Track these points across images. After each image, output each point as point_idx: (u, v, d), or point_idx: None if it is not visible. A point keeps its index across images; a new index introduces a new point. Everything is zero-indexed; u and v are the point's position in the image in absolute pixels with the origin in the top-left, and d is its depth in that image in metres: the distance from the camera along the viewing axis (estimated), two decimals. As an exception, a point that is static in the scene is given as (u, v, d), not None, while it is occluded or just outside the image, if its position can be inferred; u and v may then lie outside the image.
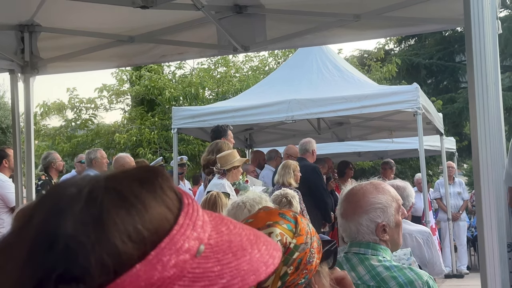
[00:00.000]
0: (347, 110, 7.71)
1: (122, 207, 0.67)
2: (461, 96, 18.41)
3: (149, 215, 0.68)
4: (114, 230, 0.65)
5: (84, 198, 0.67)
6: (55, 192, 0.72)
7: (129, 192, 0.69)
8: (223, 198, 4.12)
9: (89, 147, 13.50)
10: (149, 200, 0.69)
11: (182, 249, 0.67)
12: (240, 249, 0.72)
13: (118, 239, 0.65)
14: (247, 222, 1.61)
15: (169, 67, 15.66)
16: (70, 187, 0.70)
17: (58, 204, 0.68)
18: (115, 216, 0.66)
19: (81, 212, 0.66)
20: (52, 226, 0.66)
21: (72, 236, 0.65)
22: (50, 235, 0.65)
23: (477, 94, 2.44)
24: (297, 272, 1.57)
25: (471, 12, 2.48)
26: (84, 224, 0.65)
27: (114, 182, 0.70)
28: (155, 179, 0.72)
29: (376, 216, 2.28)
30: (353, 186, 2.39)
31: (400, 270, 2.21)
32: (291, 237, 1.58)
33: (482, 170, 2.42)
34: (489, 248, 2.40)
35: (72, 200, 0.68)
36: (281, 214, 1.65)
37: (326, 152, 11.04)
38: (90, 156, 7.25)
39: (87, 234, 0.65)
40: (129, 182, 0.70)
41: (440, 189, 11.29)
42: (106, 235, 0.65)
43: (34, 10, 4.55)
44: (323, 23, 4.64)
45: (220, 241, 0.72)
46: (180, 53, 5.11)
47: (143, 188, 0.70)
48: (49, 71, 5.20)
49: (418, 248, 3.62)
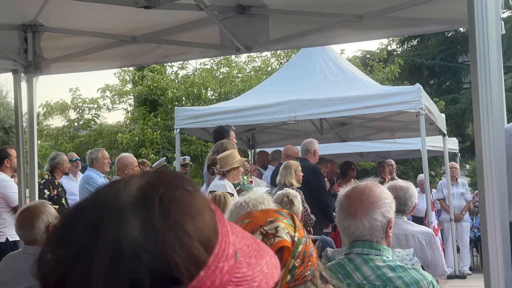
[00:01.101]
0: (350, 111, 7.70)
1: (191, 217, 0.70)
2: (463, 97, 18.40)
3: (207, 223, 0.71)
4: (193, 240, 0.68)
5: (157, 207, 0.68)
6: (115, 196, 0.71)
7: (189, 202, 0.71)
8: (230, 199, 4.14)
9: (92, 147, 13.51)
10: (202, 208, 0.72)
11: (229, 255, 0.70)
12: (257, 253, 0.75)
13: (198, 249, 0.68)
14: (243, 223, 1.62)
15: (171, 68, 15.67)
16: (127, 196, 0.70)
17: (125, 212, 0.68)
18: (190, 227, 0.69)
19: (158, 223, 0.67)
20: (129, 236, 0.66)
21: (155, 247, 0.66)
22: (129, 245, 0.65)
23: (481, 95, 2.44)
24: (304, 264, 1.60)
25: (475, 12, 2.47)
26: (166, 236, 0.67)
27: (174, 191, 0.71)
28: (194, 187, 0.75)
29: (386, 211, 2.30)
30: (353, 186, 2.38)
31: (405, 270, 2.21)
32: (293, 231, 1.61)
33: (486, 171, 2.42)
34: (492, 249, 2.39)
35: (141, 209, 0.68)
36: (277, 211, 1.68)
37: (329, 152, 11.03)
38: (91, 156, 7.25)
39: (172, 245, 0.66)
40: (182, 192, 0.72)
41: (443, 190, 11.28)
42: (188, 246, 0.67)
43: (37, 10, 4.56)
44: (326, 23, 4.64)
45: (242, 245, 0.74)
46: (183, 53, 5.12)
47: (192, 196, 0.72)
48: (52, 71, 5.22)
49: (420, 249, 3.61)
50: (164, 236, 0.66)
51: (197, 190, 0.74)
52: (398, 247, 3.39)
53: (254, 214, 1.69)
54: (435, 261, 3.76)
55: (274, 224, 1.61)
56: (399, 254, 2.72)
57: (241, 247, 0.74)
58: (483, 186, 2.43)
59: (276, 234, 1.58)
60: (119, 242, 0.65)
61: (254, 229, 1.59)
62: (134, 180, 0.73)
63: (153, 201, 0.68)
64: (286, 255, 1.58)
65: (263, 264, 0.74)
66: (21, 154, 5.26)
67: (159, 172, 0.76)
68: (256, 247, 0.76)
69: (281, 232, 1.59)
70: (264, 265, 0.75)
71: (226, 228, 0.73)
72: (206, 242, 0.69)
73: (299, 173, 6.40)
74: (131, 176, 0.75)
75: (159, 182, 0.72)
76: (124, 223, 0.67)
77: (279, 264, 0.79)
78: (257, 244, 0.77)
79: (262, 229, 1.59)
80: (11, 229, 6.29)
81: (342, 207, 2.33)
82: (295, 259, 1.58)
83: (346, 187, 2.41)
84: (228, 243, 0.71)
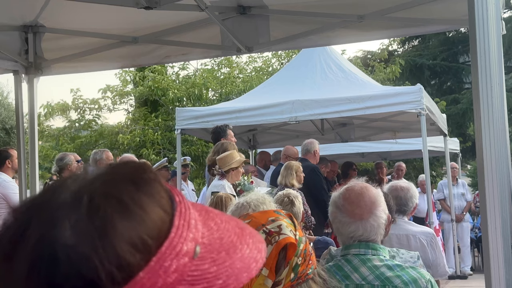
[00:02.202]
0: (351, 111, 7.69)
1: (125, 216, 0.64)
2: (464, 97, 18.39)
3: (150, 221, 0.66)
4: (121, 241, 0.63)
5: (85, 207, 0.64)
6: (48, 198, 0.67)
7: (128, 198, 0.66)
8: (232, 199, 4.13)
9: (93, 147, 13.52)
10: (147, 204, 0.67)
11: (181, 253, 0.65)
12: (231, 246, 0.70)
13: (125, 251, 0.63)
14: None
15: (172, 68, 15.69)
16: (63, 193, 0.66)
17: (55, 212, 0.64)
18: (119, 226, 0.63)
19: (84, 223, 0.63)
20: (53, 238, 0.62)
21: (77, 248, 0.61)
22: (52, 248, 0.62)
23: (481, 95, 2.43)
24: (305, 262, 1.61)
25: (475, 13, 2.47)
26: (90, 236, 0.62)
27: (111, 187, 0.66)
28: (148, 179, 0.69)
29: (384, 207, 2.32)
30: (347, 188, 2.36)
31: (403, 269, 2.21)
32: (294, 230, 1.62)
33: (487, 171, 2.41)
34: (493, 249, 2.39)
35: (71, 208, 0.64)
36: (276, 211, 1.69)
37: (330, 153, 11.04)
38: (95, 156, 7.23)
39: (94, 247, 0.62)
40: (125, 186, 0.67)
41: (443, 190, 11.28)
42: (114, 247, 0.62)
43: (38, 11, 4.56)
44: (327, 23, 4.63)
45: (212, 239, 0.69)
46: (184, 54, 5.11)
47: (139, 191, 0.67)
48: (53, 71, 5.21)
49: (421, 250, 3.61)
50: (88, 237, 0.62)
51: (150, 183, 0.69)
52: (399, 248, 3.39)
53: (253, 215, 1.70)
54: (436, 261, 3.76)
55: (276, 222, 1.62)
56: (403, 256, 2.72)
57: (210, 242, 0.69)
58: (483, 186, 2.43)
59: (281, 232, 1.59)
60: (43, 244, 0.62)
61: (257, 228, 1.59)
62: (80, 177, 0.69)
63: (82, 199, 0.64)
64: (290, 253, 1.59)
65: (236, 258, 0.69)
66: (22, 155, 5.26)
67: (114, 165, 0.72)
68: (233, 240, 0.71)
69: (285, 229, 1.60)
70: (237, 259, 0.69)
71: (187, 222, 0.68)
72: (139, 243, 0.63)
73: (300, 174, 6.40)
74: (84, 171, 0.70)
75: (99, 178, 0.68)
76: (51, 224, 0.63)
77: (261, 259, 0.73)
78: (238, 236, 0.72)
79: (264, 227, 1.60)
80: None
81: (344, 211, 2.30)
82: (298, 257, 1.59)
83: (337, 190, 2.39)
84: (183, 238, 0.66)
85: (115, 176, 0.69)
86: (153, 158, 12.31)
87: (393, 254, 2.73)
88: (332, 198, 2.39)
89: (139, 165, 0.72)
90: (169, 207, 0.69)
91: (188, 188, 9.50)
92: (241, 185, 5.65)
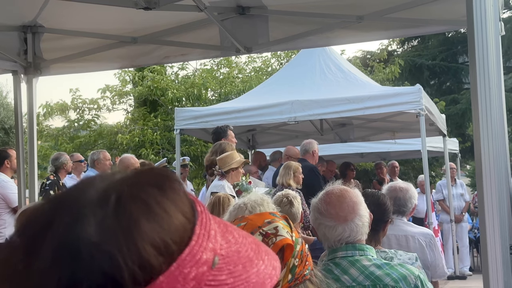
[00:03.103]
0: (350, 111, 7.70)
1: (150, 218, 0.65)
2: (464, 97, 18.40)
3: (173, 225, 0.67)
4: (145, 243, 0.63)
5: (112, 205, 0.65)
6: (74, 195, 0.68)
7: (154, 201, 0.67)
8: (231, 200, 4.12)
9: (92, 147, 13.51)
10: (171, 209, 0.68)
11: (200, 261, 0.66)
12: (248, 260, 0.71)
13: (149, 252, 0.63)
14: (239, 226, 1.62)
15: (171, 68, 15.68)
16: (90, 191, 0.67)
17: (82, 209, 0.65)
18: (145, 228, 0.64)
19: (110, 221, 0.64)
20: (78, 233, 0.63)
21: (101, 246, 0.62)
22: (76, 242, 0.62)
23: (480, 96, 2.43)
24: (302, 263, 1.61)
25: (473, 13, 2.47)
26: (115, 235, 0.63)
27: (138, 189, 0.67)
28: (172, 185, 0.71)
29: (365, 206, 2.33)
30: (326, 192, 2.37)
31: (391, 267, 2.22)
32: (290, 231, 1.62)
33: (485, 172, 2.42)
34: (491, 251, 2.39)
35: (97, 206, 0.65)
36: (272, 213, 1.70)
37: (329, 153, 11.04)
38: (93, 157, 7.27)
39: (119, 245, 0.62)
40: (151, 189, 0.68)
41: (442, 191, 11.28)
42: (138, 248, 0.63)
43: (37, 11, 4.56)
44: (326, 24, 4.63)
45: (230, 252, 0.71)
46: (183, 54, 5.12)
47: (164, 196, 0.68)
48: (52, 72, 5.21)
49: (420, 251, 3.61)
50: (113, 235, 0.62)
51: (175, 190, 0.70)
52: (398, 248, 3.39)
53: (249, 217, 1.70)
54: (435, 262, 3.76)
55: (272, 224, 1.62)
56: (401, 257, 2.73)
57: (227, 254, 0.70)
58: (482, 187, 2.43)
59: (277, 234, 1.59)
60: (66, 239, 0.62)
61: (253, 230, 1.60)
62: (108, 178, 0.70)
63: (109, 199, 0.65)
64: (287, 254, 1.59)
65: (252, 273, 0.70)
66: (21, 155, 5.26)
67: (140, 169, 0.73)
68: (250, 255, 0.72)
69: (281, 231, 1.60)
70: (253, 274, 0.70)
71: (207, 232, 0.69)
72: (162, 246, 0.64)
73: (298, 174, 6.39)
74: (112, 173, 0.72)
75: (127, 180, 0.69)
76: (76, 220, 0.63)
77: (276, 276, 0.75)
78: (254, 252, 0.73)
79: (261, 230, 1.60)
80: (11, 229, 6.31)
81: (328, 215, 2.30)
82: (295, 258, 1.60)
83: (316, 196, 2.40)
84: (203, 248, 0.67)
85: (142, 179, 0.70)
86: (152, 158, 12.30)
87: (391, 255, 2.74)
88: (313, 204, 2.39)
89: (165, 173, 0.73)
90: (191, 215, 0.70)
91: (187, 188, 9.49)
92: (239, 185, 5.65)
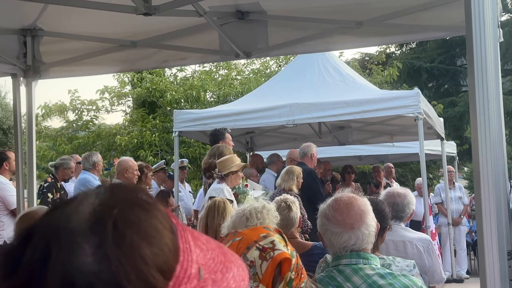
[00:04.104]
0: (348, 115, 7.69)
1: (148, 241, 0.65)
2: (462, 100, 18.40)
3: (166, 244, 0.66)
4: (150, 267, 0.63)
5: (110, 232, 0.64)
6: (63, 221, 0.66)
7: (145, 223, 0.66)
8: (229, 205, 4.11)
9: (90, 148, 13.50)
10: (160, 228, 0.67)
11: (191, 276, 0.66)
12: (223, 266, 0.71)
13: (155, 276, 0.63)
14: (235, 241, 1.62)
15: (170, 70, 15.67)
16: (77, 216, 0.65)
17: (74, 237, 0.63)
18: (146, 252, 0.64)
19: (110, 249, 0.63)
20: (81, 265, 0.62)
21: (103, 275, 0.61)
22: (83, 274, 0.61)
23: (478, 100, 2.44)
24: (298, 276, 1.61)
25: (472, 19, 2.48)
26: (118, 262, 0.62)
27: (128, 212, 0.67)
28: (152, 202, 0.70)
29: (373, 216, 2.34)
30: (337, 199, 2.37)
31: (395, 277, 2.22)
32: (286, 244, 1.62)
33: (483, 175, 2.42)
34: (489, 257, 2.40)
35: (92, 234, 0.64)
36: (265, 227, 1.70)
37: (327, 155, 11.06)
38: (93, 159, 7.12)
39: (125, 273, 0.62)
40: (138, 211, 0.68)
41: (441, 194, 11.29)
42: (144, 274, 0.63)
43: (37, 14, 4.56)
44: (325, 29, 4.64)
45: (206, 260, 0.70)
46: (182, 59, 5.12)
47: (151, 215, 0.68)
48: (51, 75, 5.22)
49: (418, 256, 3.62)
50: (118, 264, 0.62)
51: (156, 207, 0.69)
52: (396, 254, 3.40)
53: (244, 232, 1.70)
54: (432, 267, 3.77)
55: (268, 238, 1.62)
56: (399, 264, 2.73)
57: (205, 262, 0.69)
58: (479, 190, 2.44)
59: (275, 248, 1.59)
60: (70, 271, 0.61)
61: (249, 244, 1.60)
62: (86, 200, 0.68)
63: (106, 226, 0.64)
64: (285, 268, 1.59)
65: (229, 278, 0.70)
66: (19, 158, 5.27)
67: (114, 188, 0.72)
68: (222, 259, 0.72)
69: (278, 245, 1.60)
70: (231, 279, 0.70)
71: (188, 244, 0.69)
72: (164, 268, 0.64)
73: (300, 180, 6.41)
74: (84, 193, 0.70)
75: (113, 203, 0.67)
76: (75, 251, 0.62)
77: (247, 276, 0.74)
78: (223, 255, 0.73)
79: (257, 244, 1.60)
80: (9, 231, 6.30)
81: (335, 222, 2.31)
82: (291, 272, 1.60)
83: (325, 202, 2.41)
84: (190, 261, 0.67)
85: (124, 200, 0.69)
86: (151, 160, 12.29)
87: (389, 262, 2.74)
88: (321, 210, 2.40)
89: (135, 188, 0.72)
90: (173, 229, 0.70)
91: (185, 190, 9.50)
92: (236, 188, 5.65)
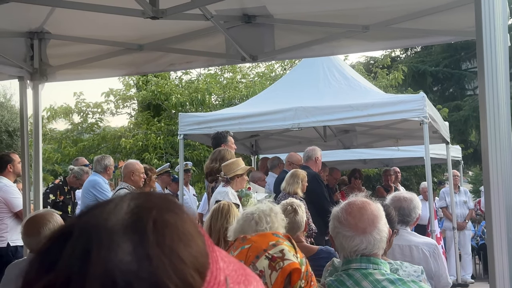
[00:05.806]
0: (353, 119, 7.67)
1: (185, 242, 0.66)
2: (467, 104, 18.39)
3: (199, 247, 0.68)
4: (189, 268, 0.64)
5: (151, 233, 0.65)
6: (100, 225, 0.66)
7: (180, 225, 0.68)
8: (235, 208, 4.11)
9: (95, 151, 13.52)
10: (193, 232, 0.69)
11: (220, 283, 0.67)
12: (245, 279, 0.72)
13: (194, 276, 0.64)
14: (243, 248, 1.61)
15: (175, 73, 15.69)
16: (118, 215, 0.67)
17: (118, 238, 0.64)
18: (184, 253, 0.65)
19: (150, 248, 0.64)
20: (121, 263, 0.62)
21: (141, 274, 0.62)
22: (124, 273, 0.62)
23: (488, 104, 2.44)
24: (308, 284, 1.60)
25: (482, 23, 2.47)
26: (159, 261, 0.63)
27: (166, 215, 0.68)
28: (181, 208, 0.72)
29: (385, 221, 2.33)
30: (350, 203, 2.37)
31: (404, 283, 2.22)
32: (295, 252, 1.60)
33: (492, 179, 2.42)
34: (498, 261, 2.39)
35: (131, 232, 0.64)
36: (275, 234, 1.67)
37: (332, 159, 11.05)
38: (105, 162, 7.04)
39: (166, 273, 0.63)
40: (173, 216, 0.69)
41: (446, 198, 11.26)
42: (184, 274, 0.64)
43: (44, 17, 4.58)
44: (332, 33, 4.65)
45: (230, 271, 0.71)
46: (189, 62, 5.13)
47: (182, 219, 0.69)
48: (58, 78, 5.23)
49: (424, 261, 3.62)
50: (159, 263, 0.62)
51: (187, 214, 0.71)
52: (402, 258, 3.39)
53: (252, 239, 1.68)
54: (438, 272, 3.76)
55: (278, 247, 1.60)
56: (406, 269, 2.73)
57: (229, 273, 0.70)
58: (489, 194, 2.43)
59: (284, 257, 1.58)
60: (111, 269, 0.61)
61: (258, 253, 1.58)
62: (123, 202, 0.69)
63: (147, 225, 0.65)
64: (295, 278, 1.58)
65: None
66: (25, 160, 5.28)
67: (148, 193, 0.74)
68: (243, 272, 0.73)
69: (288, 254, 1.59)
70: None
71: (215, 253, 0.70)
72: (200, 269, 0.65)
73: (305, 183, 6.40)
74: (120, 197, 0.71)
75: (150, 205, 0.69)
76: (115, 249, 0.63)
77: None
78: (243, 269, 0.74)
79: (267, 253, 1.59)
80: (13, 234, 6.30)
81: (347, 225, 2.30)
82: (301, 280, 1.59)
83: (338, 205, 2.40)
84: (218, 269, 0.68)
85: (158, 203, 0.70)
86: (155, 163, 12.31)
87: (396, 267, 2.74)
88: (333, 213, 2.39)
89: (167, 195, 0.74)
90: (202, 238, 0.71)
91: (190, 193, 9.50)
92: (238, 191, 5.65)
